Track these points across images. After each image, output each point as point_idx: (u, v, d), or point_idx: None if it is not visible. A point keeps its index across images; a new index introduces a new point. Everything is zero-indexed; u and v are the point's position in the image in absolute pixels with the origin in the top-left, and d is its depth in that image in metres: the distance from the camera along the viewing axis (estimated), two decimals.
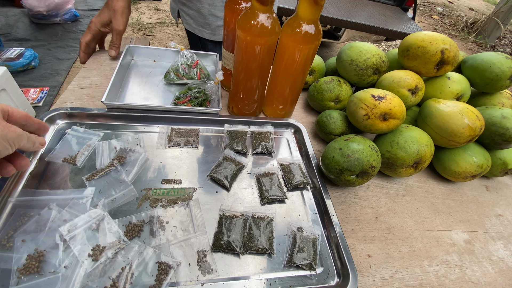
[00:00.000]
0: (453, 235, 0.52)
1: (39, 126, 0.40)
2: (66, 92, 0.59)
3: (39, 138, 0.38)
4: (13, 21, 2.50)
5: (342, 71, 0.65)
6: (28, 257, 0.34)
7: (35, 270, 0.34)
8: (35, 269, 0.34)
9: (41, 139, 0.39)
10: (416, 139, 0.51)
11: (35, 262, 0.34)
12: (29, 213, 0.39)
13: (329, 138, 0.60)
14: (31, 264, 0.34)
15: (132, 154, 0.49)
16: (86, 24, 2.60)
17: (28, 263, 0.34)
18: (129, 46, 0.69)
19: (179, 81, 0.66)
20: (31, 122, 0.38)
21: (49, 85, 1.99)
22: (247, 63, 0.53)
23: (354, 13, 1.81)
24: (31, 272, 0.34)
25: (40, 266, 0.34)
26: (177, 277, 0.37)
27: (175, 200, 0.45)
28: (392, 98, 0.50)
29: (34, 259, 0.34)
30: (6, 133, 0.32)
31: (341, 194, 0.53)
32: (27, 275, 0.33)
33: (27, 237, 0.36)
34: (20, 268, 0.34)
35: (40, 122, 0.40)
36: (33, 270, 0.34)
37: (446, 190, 0.60)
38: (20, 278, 0.33)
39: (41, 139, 0.39)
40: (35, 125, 0.39)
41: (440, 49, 0.54)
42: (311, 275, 0.41)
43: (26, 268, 0.34)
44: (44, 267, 0.34)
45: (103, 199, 0.42)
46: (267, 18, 0.47)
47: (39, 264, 0.34)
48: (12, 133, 0.32)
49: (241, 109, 0.62)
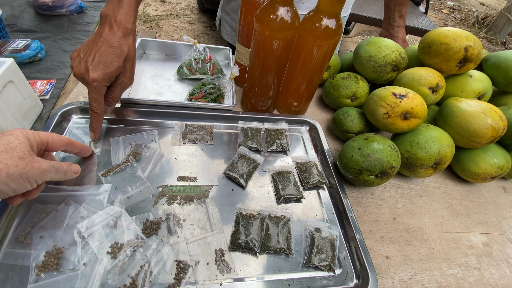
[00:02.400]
0: (471, 237, 0.51)
1: (81, 149, 0.39)
2: (79, 86, 0.58)
3: (73, 166, 0.37)
4: (18, 12, 2.50)
5: (359, 68, 0.63)
6: (46, 254, 0.34)
7: (54, 267, 0.34)
8: (54, 266, 0.34)
9: (75, 167, 0.37)
10: (437, 139, 0.49)
11: (54, 259, 0.34)
12: (46, 209, 0.38)
13: (345, 137, 0.58)
14: (49, 261, 0.34)
15: (147, 150, 0.48)
16: (92, 16, 2.59)
17: (46, 260, 0.34)
18: (142, 39, 0.68)
19: (192, 76, 0.65)
20: (72, 148, 0.38)
21: (56, 78, 1.99)
22: (264, 58, 0.51)
23: (365, 7, 1.77)
24: (49, 269, 0.33)
25: (59, 263, 0.34)
26: (196, 276, 0.36)
27: (191, 197, 0.44)
28: (414, 96, 0.49)
29: (52, 256, 0.34)
30: (28, 170, 0.30)
31: (358, 194, 0.52)
32: (46, 272, 0.33)
33: (45, 234, 0.36)
34: (38, 265, 0.33)
35: (83, 146, 0.39)
36: (51, 267, 0.34)
37: (464, 191, 0.58)
38: (39, 275, 0.33)
39: (75, 167, 0.37)
40: (77, 149, 0.39)
41: (464, 46, 0.52)
42: (329, 276, 0.40)
43: (45, 265, 0.33)
44: (63, 264, 0.34)
45: (119, 196, 0.42)
46: (287, 12, 0.46)
47: (58, 261, 0.34)
48: (35, 170, 0.30)
49: (255, 105, 0.61)
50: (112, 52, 0.39)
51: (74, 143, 0.37)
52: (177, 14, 2.95)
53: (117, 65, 0.40)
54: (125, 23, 0.40)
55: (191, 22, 2.88)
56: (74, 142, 0.37)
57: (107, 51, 0.39)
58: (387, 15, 0.87)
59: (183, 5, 3.16)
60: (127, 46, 0.41)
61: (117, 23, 0.39)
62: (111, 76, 0.40)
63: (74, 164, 0.38)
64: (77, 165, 0.38)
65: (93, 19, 3.04)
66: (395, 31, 0.86)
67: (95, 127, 0.44)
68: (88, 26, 2.83)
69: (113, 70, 0.39)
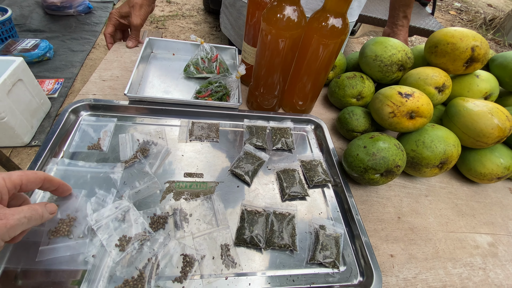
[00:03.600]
0: (477, 237, 0.50)
1: (59, 186, 0.36)
2: (88, 84, 0.60)
3: (48, 206, 0.32)
4: (27, 12, 2.55)
5: (365, 67, 0.63)
6: (60, 221, 0.37)
7: (66, 233, 0.36)
8: (66, 232, 0.36)
9: (51, 207, 0.33)
10: (443, 139, 0.49)
11: (66, 227, 0.37)
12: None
13: (350, 136, 0.59)
14: (62, 227, 0.37)
15: (155, 147, 0.49)
16: (100, 16, 2.63)
17: (59, 226, 0.37)
18: (150, 38, 0.69)
19: (199, 75, 0.66)
20: (49, 185, 0.34)
21: (64, 77, 2.03)
22: (270, 57, 0.52)
23: (371, 8, 1.77)
24: (61, 235, 0.36)
25: (70, 231, 0.37)
26: (202, 270, 0.37)
27: (197, 193, 0.45)
28: (420, 96, 0.49)
29: (65, 224, 0.37)
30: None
31: (362, 193, 0.52)
32: (57, 237, 0.36)
33: (61, 203, 0.38)
34: (52, 230, 0.36)
35: (61, 182, 0.36)
36: (63, 233, 0.36)
37: (470, 191, 0.58)
38: (51, 239, 0.36)
39: (50, 207, 0.33)
40: (54, 186, 0.35)
41: (470, 46, 0.52)
42: (333, 273, 0.40)
43: (57, 231, 0.36)
44: (74, 231, 0.37)
45: (127, 191, 0.42)
46: (294, 11, 0.46)
47: (69, 228, 0.37)
48: (0, 229, 0.26)
49: (260, 104, 0.61)
50: (125, 1, 0.69)
51: (52, 179, 0.34)
52: (183, 15, 2.97)
53: (126, 9, 0.69)
54: None
55: (196, 22, 2.90)
56: (52, 179, 0.34)
57: (124, 3, 0.69)
58: (392, 14, 0.87)
59: (189, 5, 3.18)
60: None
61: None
62: (121, 13, 0.69)
63: (49, 203, 0.33)
64: (53, 204, 0.34)
65: (100, 19, 3.06)
66: (398, 30, 0.86)
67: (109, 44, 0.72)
68: (96, 26, 2.86)
69: (123, 10, 0.69)
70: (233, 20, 0.84)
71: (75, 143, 0.47)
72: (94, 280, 0.34)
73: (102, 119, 0.52)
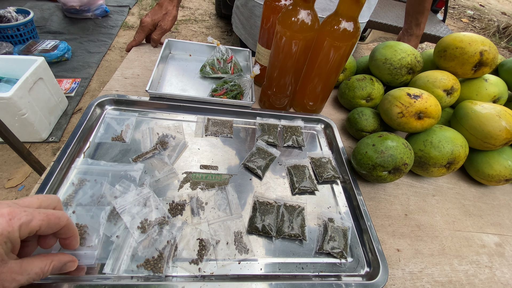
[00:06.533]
0: (483, 237, 0.51)
1: (72, 236, 0.31)
2: (111, 81, 0.63)
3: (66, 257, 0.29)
4: (47, 15, 2.67)
5: (375, 70, 0.66)
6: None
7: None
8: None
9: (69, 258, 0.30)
10: (450, 139, 0.51)
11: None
12: (86, 179, 0.43)
13: (359, 135, 0.60)
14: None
15: (173, 140, 0.52)
16: (116, 20, 2.73)
17: None
18: (169, 40, 0.73)
19: (214, 75, 0.69)
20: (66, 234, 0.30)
21: (80, 77, 2.11)
22: (284, 59, 0.55)
23: (382, 14, 1.79)
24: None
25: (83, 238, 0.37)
26: (216, 254, 0.39)
27: (212, 184, 0.48)
28: (428, 97, 0.51)
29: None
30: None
31: (370, 190, 0.54)
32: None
33: (78, 209, 0.40)
34: None
35: (76, 233, 0.31)
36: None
37: (478, 193, 0.59)
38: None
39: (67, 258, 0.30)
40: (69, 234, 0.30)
41: (479, 50, 0.54)
42: (341, 263, 0.42)
43: None
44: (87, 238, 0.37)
45: (148, 179, 0.45)
46: (307, 14, 0.49)
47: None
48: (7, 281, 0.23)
49: (272, 103, 0.64)
50: (159, 8, 0.73)
51: (71, 227, 0.29)
52: (196, 19, 3.05)
53: (160, 15, 0.73)
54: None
55: (208, 27, 2.97)
56: (72, 227, 0.30)
57: (156, 8, 0.73)
58: (406, 21, 0.89)
59: (202, 10, 3.26)
60: (168, 5, 0.73)
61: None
62: (154, 21, 0.73)
63: (68, 255, 0.30)
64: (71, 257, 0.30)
65: (116, 22, 3.17)
66: (406, 39, 0.88)
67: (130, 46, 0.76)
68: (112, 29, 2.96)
69: (156, 17, 0.73)
70: (244, 20, 0.87)
71: (100, 134, 0.51)
72: (118, 258, 0.36)
73: (125, 113, 0.56)
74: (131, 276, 0.36)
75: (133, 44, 0.76)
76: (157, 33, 0.74)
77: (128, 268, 0.36)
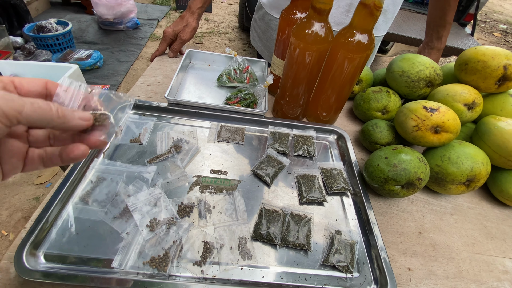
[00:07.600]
0: (506, 262, 0.47)
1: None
2: (134, 87, 0.68)
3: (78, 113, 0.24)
4: (84, 26, 2.90)
5: (392, 82, 0.65)
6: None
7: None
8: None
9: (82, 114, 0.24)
10: (470, 156, 0.48)
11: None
12: (103, 178, 0.46)
13: (373, 148, 0.59)
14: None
15: (187, 145, 0.54)
16: (145, 32, 2.90)
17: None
18: (189, 50, 0.76)
19: (230, 84, 0.72)
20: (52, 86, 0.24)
21: (109, 84, 2.25)
22: (297, 69, 0.56)
23: (405, 27, 1.76)
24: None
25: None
26: (220, 258, 0.40)
27: (221, 188, 0.49)
28: (446, 111, 0.49)
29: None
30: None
31: (382, 205, 0.52)
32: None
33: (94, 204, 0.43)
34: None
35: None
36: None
37: (502, 214, 0.55)
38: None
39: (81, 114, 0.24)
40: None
41: (503, 64, 0.52)
42: (346, 277, 0.41)
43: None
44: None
45: (160, 180, 0.47)
46: (321, 27, 0.50)
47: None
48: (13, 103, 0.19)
49: (285, 113, 0.65)
50: (180, 20, 0.78)
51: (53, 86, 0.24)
52: (219, 32, 3.17)
53: (180, 26, 0.78)
54: (193, 7, 0.78)
55: (231, 39, 3.07)
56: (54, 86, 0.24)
57: (178, 20, 0.78)
58: (427, 34, 0.87)
59: (225, 23, 3.39)
60: (189, 17, 0.78)
61: (189, 7, 0.78)
62: (175, 32, 0.78)
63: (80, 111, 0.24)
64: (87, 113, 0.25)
65: (145, 34, 3.36)
66: (426, 52, 0.85)
67: (154, 56, 0.81)
68: (141, 40, 3.14)
69: (177, 28, 0.78)
70: (261, 32, 0.90)
71: (120, 136, 0.54)
72: (126, 253, 0.38)
73: (144, 117, 0.59)
74: (137, 272, 0.37)
75: (156, 54, 0.80)
76: (176, 43, 0.79)
77: (134, 264, 0.37)
